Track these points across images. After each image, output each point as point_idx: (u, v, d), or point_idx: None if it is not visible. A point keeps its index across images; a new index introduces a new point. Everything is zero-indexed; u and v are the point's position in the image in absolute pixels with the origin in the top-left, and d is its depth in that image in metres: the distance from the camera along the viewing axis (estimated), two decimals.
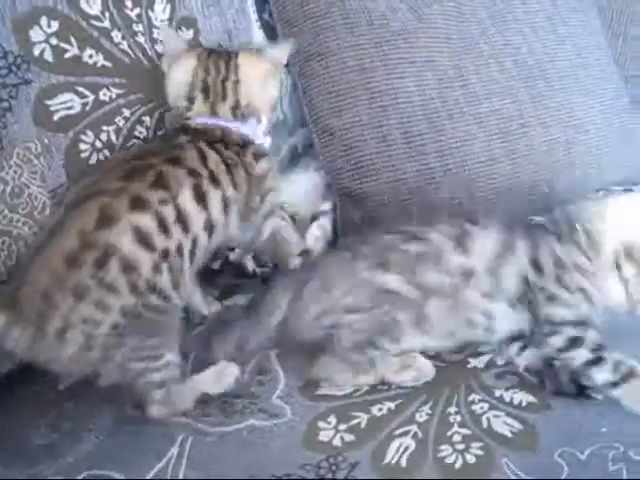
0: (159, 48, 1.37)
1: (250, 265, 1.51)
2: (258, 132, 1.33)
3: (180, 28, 1.41)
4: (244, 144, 1.29)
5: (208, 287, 1.43)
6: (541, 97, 1.69)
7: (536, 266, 1.23)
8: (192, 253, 1.17)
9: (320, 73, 1.53)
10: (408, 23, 1.58)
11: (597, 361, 1.15)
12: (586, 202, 1.31)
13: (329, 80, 1.53)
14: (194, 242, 1.17)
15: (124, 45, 1.32)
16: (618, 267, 1.21)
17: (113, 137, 1.32)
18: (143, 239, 1.09)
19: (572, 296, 1.20)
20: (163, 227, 1.11)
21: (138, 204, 1.10)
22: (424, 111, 1.54)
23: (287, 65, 1.60)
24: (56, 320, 1.06)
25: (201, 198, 1.17)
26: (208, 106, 1.29)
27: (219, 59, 1.31)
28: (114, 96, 1.31)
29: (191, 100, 1.29)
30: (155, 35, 1.37)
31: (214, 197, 1.20)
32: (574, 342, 1.17)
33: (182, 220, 1.14)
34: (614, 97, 1.86)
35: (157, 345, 1.13)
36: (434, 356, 1.25)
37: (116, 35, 1.31)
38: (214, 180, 1.20)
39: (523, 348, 1.23)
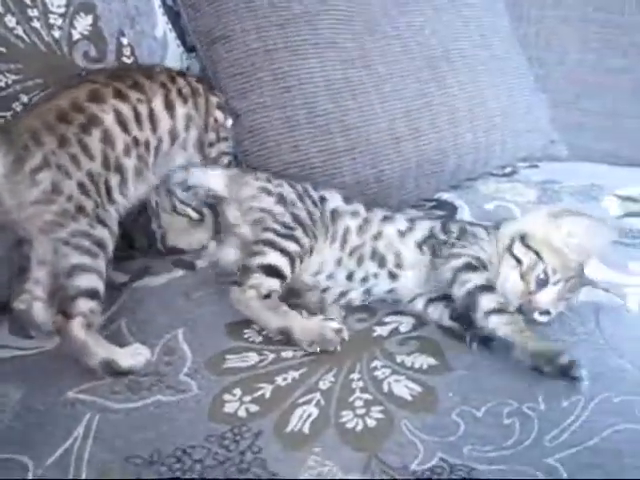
0: (56, 33, 1.36)
1: None
2: None
3: (78, 14, 1.40)
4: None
5: (118, 272, 1.42)
6: (444, 77, 1.74)
7: (444, 229, 1.38)
8: (156, 150, 1.36)
9: (224, 56, 1.54)
10: (310, 5, 1.60)
11: (489, 288, 1.24)
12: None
13: (233, 63, 1.54)
14: (159, 141, 1.36)
15: (19, 30, 1.31)
16: (510, 248, 1.30)
17: None
18: (122, 122, 1.29)
19: (471, 247, 1.32)
20: (138, 119, 1.32)
21: (120, 95, 1.31)
22: (328, 91, 1.56)
23: (194, 50, 1.62)
24: (37, 157, 1.19)
25: (170, 107, 1.38)
26: None
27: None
28: (10, 82, 1.30)
29: None
30: (52, 20, 1.36)
31: (180, 110, 1.40)
32: (470, 266, 1.26)
33: (153, 119, 1.35)
34: (518, 76, 1.93)
35: (100, 239, 1.22)
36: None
37: (10, 20, 1.30)
38: (181, 95, 1.42)
39: (428, 302, 1.31)
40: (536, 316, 1.27)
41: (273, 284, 1.27)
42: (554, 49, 2.18)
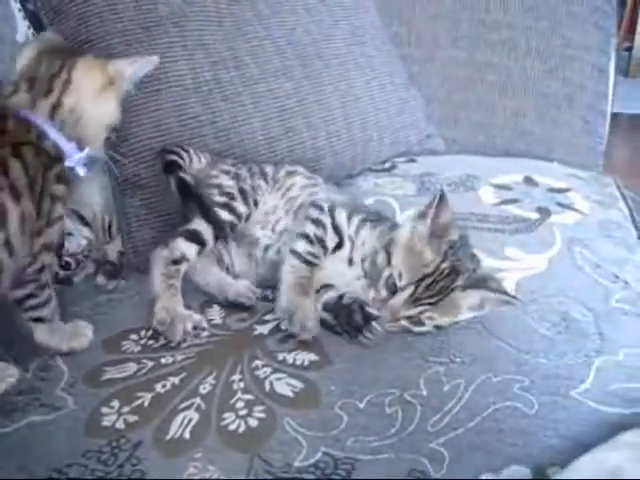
0: None
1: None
2: (75, 156, 1.18)
3: None
4: (55, 158, 1.16)
5: None
6: (318, 75, 1.73)
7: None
8: None
9: None
10: (177, 7, 1.57)
11: (297, 255, 1.29)
12: None
13: None
14: None
15: None
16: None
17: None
18: None
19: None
20: None
21: None
22: (198, 94, 1.53)
23: None
24: None
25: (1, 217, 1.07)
26: (29, 98, 1.17)
27: (58, 55, 1.21)
28: None
29: (16, 87, 1.18)
30: None
31: (13, 213, 1.08)
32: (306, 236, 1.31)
33: None
34: (390, 73, 1.95)
35: None
36: (220, 325, 1.26)
37: None
38: (15, 194, 1.08)
39: None
40: (407, 324, 1.22)
41: (188, 250, 1.32)
42: (425, 46, 2.22)
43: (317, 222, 1.32)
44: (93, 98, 1.20)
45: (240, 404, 1.07)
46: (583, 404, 1.08)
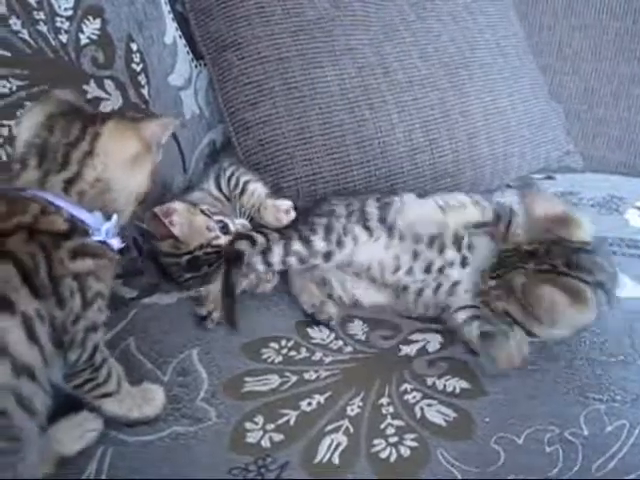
0: (63, 38, 1.29)
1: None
2: (102, 228, 0.97)
3: (86, 17, 1.33)
4: (69, 231, 0.94)
5: (126, 287, 1.36)
6: (462, 85, 1.68)
7: None
8: None
9: (235, 64, 1.47)
10: (325, 11, 1.54)
11: None
12: None
13: (244, 71, 1.47)
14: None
15: (24, 34, 1.23)
16: None
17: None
18: None
19: None
20: None
21: None
22: (344, 101, 1.49)
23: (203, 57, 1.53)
24: None
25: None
26: (39, 175, 0.95)
27: (74, 121, 0.98)
28: (15, 88, 1.22)
29: (24, 163, 0.96)
30: (58, 24, 1.28)
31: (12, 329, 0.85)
32: None
33: None
34: (532, 85, 1.87)
35: None
36: (363, 342, 1.22)
37: (15, 23, 1.22)
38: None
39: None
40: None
41: None
42: (567, 58, 2.14)
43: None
44: (125, 168, 1.00)
45: (390, 430, 1.02)
46: None
